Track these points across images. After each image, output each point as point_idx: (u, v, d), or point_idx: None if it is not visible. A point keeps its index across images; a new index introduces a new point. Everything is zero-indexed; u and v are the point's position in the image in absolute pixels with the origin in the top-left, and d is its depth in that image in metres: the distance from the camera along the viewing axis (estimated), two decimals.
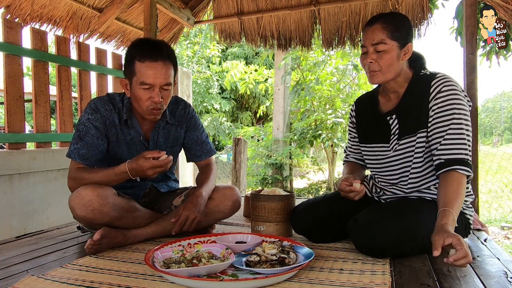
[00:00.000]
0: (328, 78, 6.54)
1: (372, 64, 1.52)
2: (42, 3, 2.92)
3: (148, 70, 1.54)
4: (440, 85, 1.47)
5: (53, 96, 3.17)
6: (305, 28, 3.60)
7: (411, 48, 1.53)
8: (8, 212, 2.39)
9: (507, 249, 3.66)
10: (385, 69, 1.51)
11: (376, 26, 1.51)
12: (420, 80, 1.53)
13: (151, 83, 1.55)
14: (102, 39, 3.53)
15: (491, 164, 7.27)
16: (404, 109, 1.56)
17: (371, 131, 1.67)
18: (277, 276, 1.15)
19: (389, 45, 1.49)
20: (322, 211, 1.64)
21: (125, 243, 1.60)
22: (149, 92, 1.57)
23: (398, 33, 1.49)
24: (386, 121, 1.60)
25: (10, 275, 1.29)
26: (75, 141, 1.64)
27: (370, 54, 1.52)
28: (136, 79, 1.57)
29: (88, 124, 1.64)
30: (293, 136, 6.97)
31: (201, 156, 1.91)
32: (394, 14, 1.62)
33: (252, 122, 14.05)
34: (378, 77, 1.54)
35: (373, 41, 1.50)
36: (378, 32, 1.49)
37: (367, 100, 1.74)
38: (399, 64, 1.52)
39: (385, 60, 1.50)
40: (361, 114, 1.75)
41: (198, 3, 3.76)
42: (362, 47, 1.57)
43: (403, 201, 1.56)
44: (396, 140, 1.57)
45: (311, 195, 6.78)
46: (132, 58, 1.58)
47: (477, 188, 2.40)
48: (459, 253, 1.10)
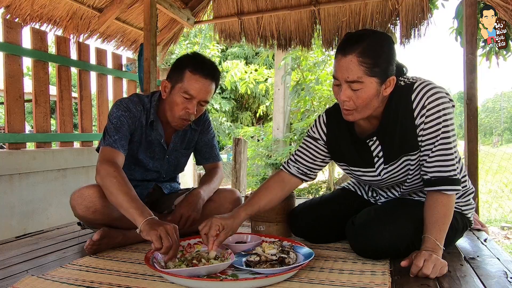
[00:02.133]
0: (328, 78, 6.54)
1: (347, 102, 1.29)
2: (42, 3, 2.92)
3: (195, 83, 1.61)
4: (421, 98, 1.30)
5: (53, 96, 3.17)
6: (305, 28, 3.60)
7: (393, 81, 1.30)
8: (8, 212, 2.39)
9: (507, 249, 3.66)
10: (362, 108, 1.30)
11: (352, 58, 1.24)
12: (397, 95, 1.35)
13: (193, 95, 1.61)
14: (102, 39, 3.54)
15: (491, 164, 7.27)
16: (386, 131, 1.38)
17: (350, 154, 1.50)
18: (277, 276, 1.15)
19: (367, 83, 1.25)
20: (320, 213, 1.64)
21: (125, 243, 1.60)
22: (187, 102, 1.62)
23: (378, 67, 1.24)
24: (366, 144, 1.43)
25: (10, 275, 1.29)
26: (112, 132, 1.60)
27: (344, 91, 1.28)
28: (181, 86, 1.61)
29: (123, 119, 1.64)
30: (293, 136, 6.97)
31: (209, 158, 1.94)
32: (374, 40, 1.27)
33: (252, 122, 14.05)
34: (353, 116, 1.33)
35: (347, 78, 1.25)
36: (354, 68, 1.23)
37: (341, 117, 1.41)
38: (378, 99, 1.30)
39: (362, 100, 1.27)
40: (333, 131, 1.53)
41: (198, 3, 3.76)
42: (334, 79, 1.32)
43: (400, 203, 1.53)
44: (383, 165, 1.44)
45: (311, 195, 6.79)
46: (184, 67, 1.63)
47: (477, 188, 2.40)
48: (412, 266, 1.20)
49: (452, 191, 1.31)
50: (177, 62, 1.68)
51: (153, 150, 1.77)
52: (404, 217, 1.40)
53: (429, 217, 1.30)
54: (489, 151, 9.25)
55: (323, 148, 1.56)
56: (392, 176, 1.46)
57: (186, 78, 1.61)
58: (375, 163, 1.45)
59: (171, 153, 1.82)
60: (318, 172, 1.62)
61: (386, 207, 1.54)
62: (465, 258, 1.43)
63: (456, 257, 1.44)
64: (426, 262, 1.19)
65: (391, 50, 1.30)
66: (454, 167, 1.33)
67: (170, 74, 1.69)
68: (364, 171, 1.49)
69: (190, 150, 1.93)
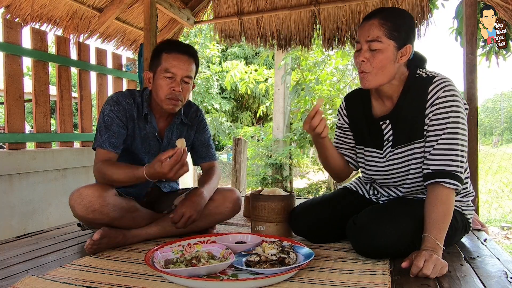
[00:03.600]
0: (328, 78, 6.54)
1: (364, 63, 1.39)
2: (42, 3, 2.92)
3: (173, 60, 1.66)
4: (439, 91, 1.36)
5: (53, 96, 3.17)
6: (305, 28, 3.60)
7: (409, 50, 1.39)
8: (8, 212, 2.39)
9: (507, 249, 3.66)
10: (377, 71, 1.37)
11: (374, 21, 1.37)
12: (416, 83, 1.41)
13: (174, 72, 1.65)
14: (102, 39, 3.53)
15: (491, 164, 7.27)
16: (399, 116, 1.44)
17: (363, 134, 1.58)
18: (277, 276, 1.15)
19: (385, 45, 1.35)
20: (321, 213, 1.64)
21: (125, 243, 1.61)
22: (171, 81, 1.66)
23: (397, 32, 1.36)
24: (379, 126, 1.50)
25: (10, 275, 1.29)
26: (103, 132, 1.66)
27: (363, 52, 1.38)
28: (160, 68, 1.67)
29: (112, 115, 1.68)
30: (293, 136, 6.97)
31: (205, 158, 1.94)
32: (396, 10, 1.45)
33: (252, 122, 14.05)
34: (369, 81, 1.40)
35: (367, 38, 1.36)
36: (375, 28, 1.35)
37: (358, 100, 1.60)
38: (394, 67, 1.38)
39: (378, 61, 1.36)
40: (352, 114, 1.63)
41: (198, 3, 3.76)
42: (356, 43, 1.43)
43: (401, 202, 1.53)
44: (390, 148, 1.49)
45: (311, 195, 6.78)
46: (159, 52, 1.70)
47: (477, 188, 2.40)
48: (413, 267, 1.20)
49: (453, 185, 1.31)
50: (153, 51, 1.74)
51: (149, 144, 1.78)
52: (405, 217, 1.40)
53: (429, 216, 1.30)
54: (489, 151, 9.25)
55: (350, 133, 1.66)
56: (396, 163, 1.48)
57: (163, 60, 1.67)
58: (383, 146, 1.50)
59: (166, 148, 1.82)
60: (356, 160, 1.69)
61: (387, 206, 1.53)
62: (465, 258, 1.43)
63: (456, 257, 1.44)
64: (427, 262, 1.19)
65: (410, 22, 1.41)
66: (457, 163, 1.33)
67: (149, 65, 1.75)
68: (371, 151, 1.55)
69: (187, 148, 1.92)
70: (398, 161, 1.48)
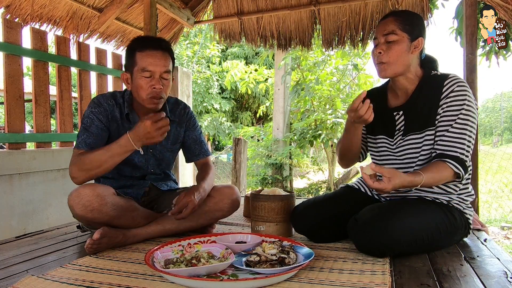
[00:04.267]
0: (328, 78, 6.53)
1: (381, 55, 1.54)
2: (42, 3, 2.92)
3: (148, 58, 1.64)
4: (453, 85, 1.48)
5: (53, 96, 3.17)
6: (305, 28, 3.60)
7: (422, 42, 1.54)
8: (8, 212, 2.39)
9: (507, 249, 3.66)
10: (393, 60, 1.52)
11: (389, 18, 1.56)
12: (431, 80, 1.55)
13: (152, 70, 1.64)
14: (102, 39, 3.53)
15: (491, 164, 7.27)
16: (412, 107, 1.56)
17: (377, 124, 1.67)
18: (277, 276, 1.15)
19: (399, 36, 1.51)
20: (323, 211, 1.64)
21: (125, 243, 1.61)
22: (150, 80, 1.65)
23: (409, 26, 1.52)
24: (393, 116, 1.62)
25: (10, 275, 1.29)
26: (81, 133, 1.68)
27: (380, 45, 1.55)
28: (137, 68, 1.65)
29: (92, 116, 1.69)
30: (293, 136, 6.97)
31: (199, 155, 1.95)
32: (408, 10, 1.71)
33: (252, 122, 14.04)
34: (386, 70, 1.55)
35: (384, 32, 1.54)
36: (390, 24, 1.54)
37: (377, 93, 1.75)
38: (408, 57, 1.53)
39: (394, 51, 1.51)
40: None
41: (198, 3, 3.76)
42: (374, 40, 1.61)
43: (403, 201, 1.56)
44: (401, 136, 1.58)
45: (311, 195, 6.78)
46: (132, 51, 1.68)
47: (477, 188, 2.40)
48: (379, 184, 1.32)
49: (456, 169, 1.41)
50: (126, 51, 1.72)
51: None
52: (408, 214, 1.41)
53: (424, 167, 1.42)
54: (489, 151, 9.25)
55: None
56: (405, 149, 1.56)
57: (138, 59, 1.64)
58: (395, 135, 1.61)
59: (154, 147, 1.83)
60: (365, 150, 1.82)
61: (389, 204, 1.54)
62: (465, 258, 1.43)
63: (456, 257, 1.44)
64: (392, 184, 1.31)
65: (421, 20, 1.60)
66: (463, 150, 1.43)
67: (125, 65, 1.73)
68: (382, 139, 1.67)
69: (176, 145, 1.92)
70: (408, 147, 1.56)
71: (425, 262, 1.37)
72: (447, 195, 1.53)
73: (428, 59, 1.62)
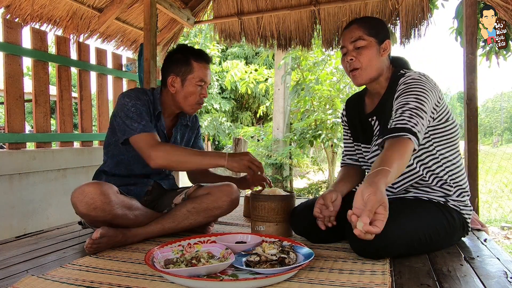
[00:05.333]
0: (328, 78, 6.53)
1: (353, 61, 1.53)
2: (42, 3, 2.92)
3: (205, 70, 1.81)
4: (406, 78, 1.46)
5: (53, 96, 3.17)
6: (305, 28, 3.60)
7: (389, 44, 1.56)
8: (8, 212, 2.39)
9: (507, 249, 3.66)
10: (366, 65, 1.52)
11: (353, 26, 1.56)
12: (396, 79, 1.53)
13: (206, 81, 1.82)
14: (102, 39, 3.53)
15: (491, 164, 7.27)
16: (382, 110, 1.56)
17: (358, 132, 1.70)
18: (277, 276, 1.15)
19: (367, 41, 1.52)
20: None
21: (125, 243, 1.61)
22: (201, 89, 1.81)
23: (375, 30, 1.54)
24: (369, 122, 1.63)
25: (10, 275, 1.29)
26: (138, 119, 1.69)
27: (350, 52, 1.55)
28: (193, 76, 1.78)
29: (139, 107, 1.73)
30: (293, 136, 6.97)
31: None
32: (368, 17, 1.76)
33: (252, 122, 14.05)
34: (360, 76, 1.54)
35: (351, 39, 1.54)
36: (355, 30, 1.54)
37: (355, 101, 1.76)
38: (380, 60, 1.54)
39: (365, 56, 1.51)
40: (350, 114, 1.78)
41: (198, 3, 3.76)
42: (341, 49, 1.60)
43: (400, 202, 1.53)
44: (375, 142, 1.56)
45: (311, 195, 6.78)
46: (187, 58, 1.79)
47: (477, 188, 2.40)
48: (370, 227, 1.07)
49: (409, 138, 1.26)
50: (177, 56, 1.81)
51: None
52: (405, 217, 1.40)
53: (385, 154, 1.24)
54: (489, 151, 9.26)
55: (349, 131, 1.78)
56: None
57: (195, 68, 1.78)
58: (372, 140, 1.60)
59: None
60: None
61: None
62: (465, 258, 1.43)
63: (456, 257, 1.44)
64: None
65: (384, 24, 1.62)
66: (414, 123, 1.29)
67: (174, 69, 1.79)
68: (363, 147, 1.66)
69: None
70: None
71: (425, 262, 1.37)
72: (444, 196, 1.52)
73: (394, 59, 1.62)
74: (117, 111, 1.72)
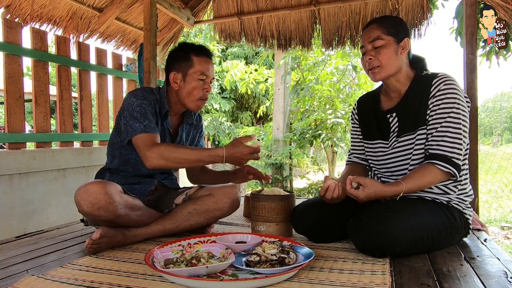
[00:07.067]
0: (328, 78, 6.53)
1: (372, 60, 1.57)
2: (42, 3, 2.92)
3: (206, 64, 1.80)
4: (441, 83, 1.49)
5: (53, 96, 3.17)
6: (305, 28, 3.60)
7: (408, 43, 1.58)
8: (8, 212, 2.39)
9: (507, 249, 3.66)
10: (385, 63, 1.55)
11: (372, 26, 1.60)
12: (422, 80, 1.57)
13: (208, 75, 1.79)
14: (102, 39, 3.53)
15: (491, 164, 7.27)
16: (405, 108, 1.59)
17: (372, 128, 1.72)
18: (277, 276, 1.15)
19: (386, 40, 1.55)
20: (323, 211, 1.64)
21: (124, 243, 1.61)
22: (203, 83, 1.79)
23: (393, 29, 1.56)
24: (386, 119, 1.65)
25: (10, 275, 1.29)
26: (140, 119, 1.67)
27: (369, 52, 1.58)
28: (194, 70, 1.77)
29: (144, 106, 1.72)
30: (293, 136, 6.97)
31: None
32: (388, 15, 1.77)
33: (252, 122, 14.04)
34: (379, 73, 1.57)
35: (370, 39, 1.57)
36: (374, 30, 1.57)
37: (369, 99, 1.79)
38: (398, 59, 1.57)
39: (383, 55, 1.55)
40: (363, 112, 1.79)
41: (198, 3, 3.76)
42: (361, 48, 1.64)
43: (403, 200, 1.55)
44: (395, 138, 1.60)
45: (311, 195, 6.78)
46: (187, 53, 1.78)
47: (477, 188, 2.40)
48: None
49: (448, 169, 1.42)
50: (178, 53, 1.81)
51: (164, 140, 1.83)
52: (408, 214, 1.41)
53: (411, 173, 1.45)
54: (489, 151, 9.26)
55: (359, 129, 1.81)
56: (399, 151, 1.58)
57: (196, 62, 1.77)
58: (389, 137, 1.63)
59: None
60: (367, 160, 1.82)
61: (389, 204, 1.54)
62: (465, 258, 1.43)
63: (456, 257, 1.44)
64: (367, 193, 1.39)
65: (403, 22, 1.65)
66: (454, 149, 1.44)
67: (175, 66, 1.79)
68: (378, 143, 1.68)
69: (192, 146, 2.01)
70: (402, 149, 1.58)
71: (425, 262, 1.37)
72: (446, 195, 1.53)
73: (416, 59, 1.65)
74: (123, 110, 1.72)
